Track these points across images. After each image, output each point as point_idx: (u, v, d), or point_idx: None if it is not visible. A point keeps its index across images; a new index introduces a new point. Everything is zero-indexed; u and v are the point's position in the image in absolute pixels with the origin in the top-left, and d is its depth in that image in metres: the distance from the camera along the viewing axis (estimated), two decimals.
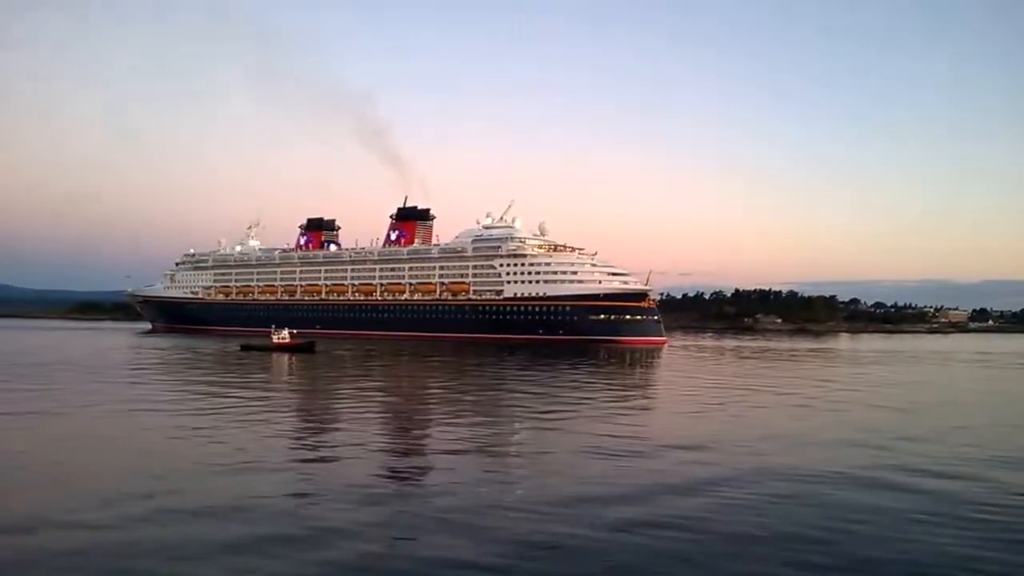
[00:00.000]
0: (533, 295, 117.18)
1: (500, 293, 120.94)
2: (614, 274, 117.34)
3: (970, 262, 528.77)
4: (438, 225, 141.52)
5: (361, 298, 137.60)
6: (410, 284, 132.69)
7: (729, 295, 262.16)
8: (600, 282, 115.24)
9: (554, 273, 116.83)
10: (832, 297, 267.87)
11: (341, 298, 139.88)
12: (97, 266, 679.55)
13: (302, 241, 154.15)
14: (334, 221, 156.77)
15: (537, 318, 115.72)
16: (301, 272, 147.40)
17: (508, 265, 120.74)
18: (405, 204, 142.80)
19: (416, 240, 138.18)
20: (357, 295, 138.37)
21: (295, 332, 79.68)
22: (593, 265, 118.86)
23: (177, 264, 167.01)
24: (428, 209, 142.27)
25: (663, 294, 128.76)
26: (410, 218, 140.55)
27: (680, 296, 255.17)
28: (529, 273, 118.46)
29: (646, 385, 50.82)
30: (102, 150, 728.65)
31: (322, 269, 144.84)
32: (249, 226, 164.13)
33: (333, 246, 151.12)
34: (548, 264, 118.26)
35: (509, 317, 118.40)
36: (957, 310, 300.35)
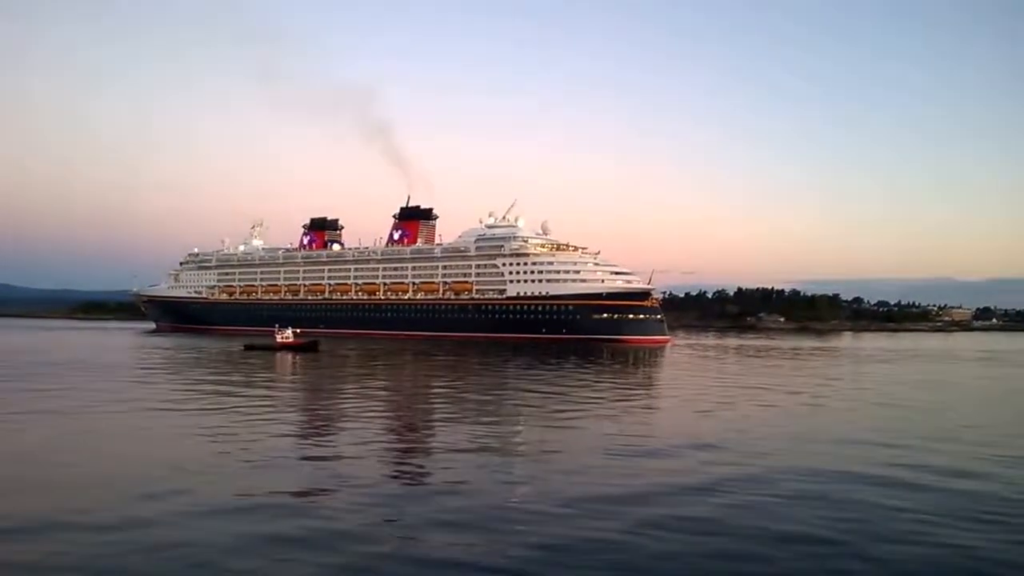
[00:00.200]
0: (536, 294, 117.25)
1: (503, 292, 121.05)
2: (617, 273, 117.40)
3: (974, 261, 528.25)
4: (441, 224, 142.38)
5: (364, 297, 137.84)
6: (413, 283, 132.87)
7: (732, 294, 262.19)
8: (603, 281, 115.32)
9: (557, 272, 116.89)
10: (835, 296, 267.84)
11: (344, 297, 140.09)
12: (101, 266, 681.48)
13: (305, 241, 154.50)
14: (337, 221, 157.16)
15: (540, 317, 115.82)
16: (304, 272, 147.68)
17: (511, 264, 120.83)
18: (408, 204, 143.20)
19: (419, 240, 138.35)
20: (360, 294, 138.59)
21: (299, 331, 79.83)
22: (596, 264, 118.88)
23: (181, 264, 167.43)
24: (431, 208, 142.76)
25: (665, 293, 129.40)
26: (413, 217, 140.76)
27: (683, 295, 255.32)
28: (532, 272, 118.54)
29: (653, 384, 50.51)
30: (106, 150, 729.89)
31: (325, 269, 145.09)
32: (253, 226, 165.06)
33: (336, 246, 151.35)
34: (551, 263, 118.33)
35: (512, 316, 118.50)
36: (961, 309, 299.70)
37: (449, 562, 12.97)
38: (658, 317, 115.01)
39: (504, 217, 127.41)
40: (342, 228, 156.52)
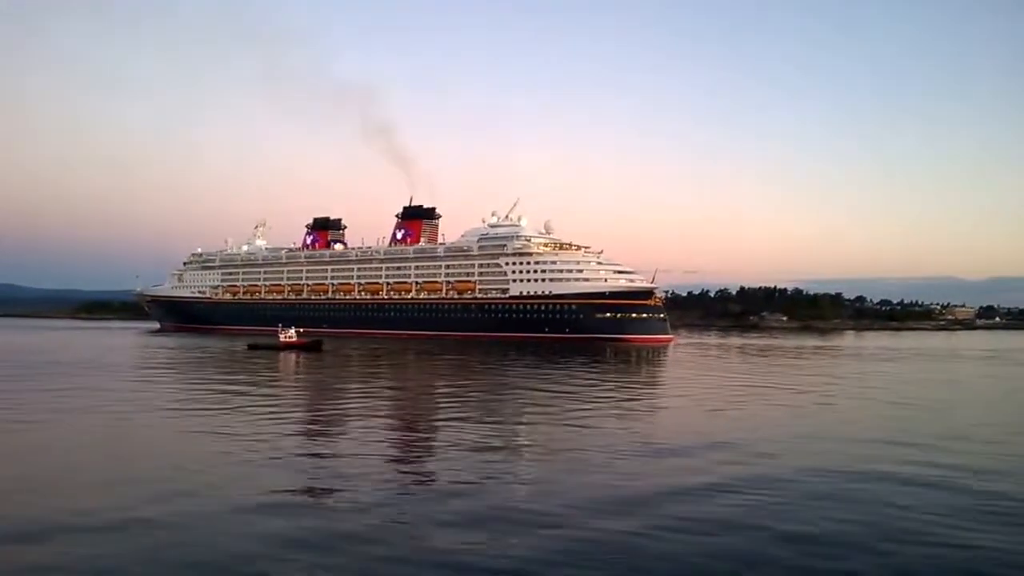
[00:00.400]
0: (539, 294, 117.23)
1: (506, 292, 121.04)
2: (620, 272, 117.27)
3: (977, 259, 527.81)
4: (444, 224, 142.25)
5: (367, 297, 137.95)
6: (416, 283, 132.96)
7: (734, 293, 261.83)
8: (606, 280, 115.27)
9: (560, 272, 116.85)
10: (838, 295, 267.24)
11: (347, 297, 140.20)
12: (104, 266, 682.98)
13: (308, 240, 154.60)
14: (340, 220, 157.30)
15: (543, 316, 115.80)
16: (308, 271, 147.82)
17: (514, 264, 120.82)
18: (411, 203, 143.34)
19: (422, 239, 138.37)
20: (363, 294, 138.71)
21: (302, 331, 79.93)
22: (599, 263, 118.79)
23: (184, 264, 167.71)
24: (434, 208, 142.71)
25: (668, 292, 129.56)
26: (416, 217, 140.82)
27: (685, 294, 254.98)
28: (535, 272, 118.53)
29: (660, 384, 50.18)
30: (109, 150, 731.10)
31: (328, 268, 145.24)
32: (256, 226, 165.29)
33: (339, 245, 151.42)
34: (554, 263, 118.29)
35: (515, 316, 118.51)
36: (964, 307, 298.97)
37: (461, 564, 12.86)
38: (661, 316, 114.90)
39: (507, 216, 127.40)
40: (345, 228, 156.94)
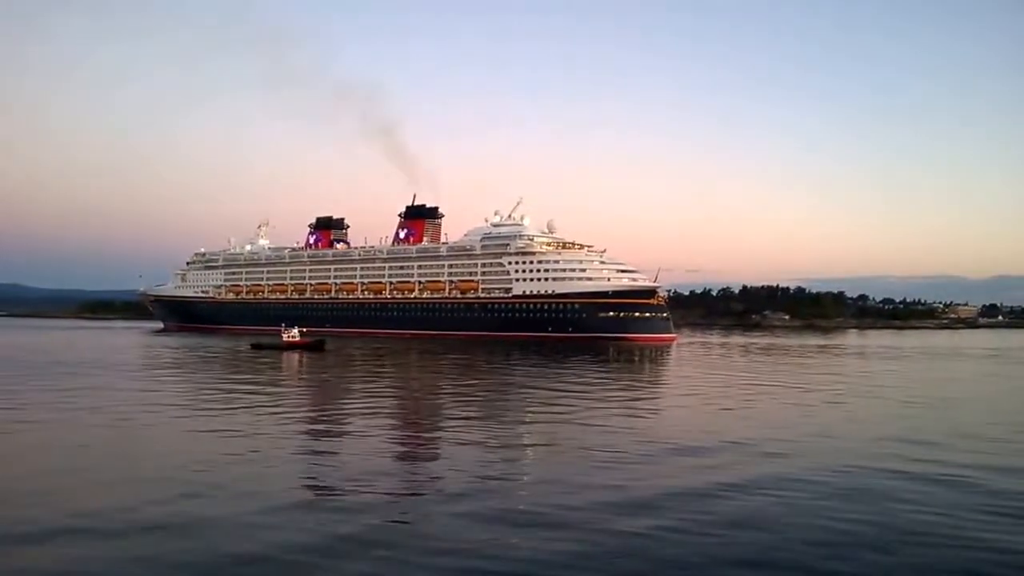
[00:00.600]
0: (542, 293, 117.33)
1: (509, 291, 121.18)
2: (623, 271, 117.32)
3: (980, 258, 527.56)
4: (447, 223, 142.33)
5: (370, 296, 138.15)
6: (419, 282, 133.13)
7: (736, 292, 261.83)
8: (609, 279, 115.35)
9: (563, 271, 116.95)
10: (840, 293, 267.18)
11: (351, 297, 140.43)
12: (107, 265, 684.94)
13: (311, 240, 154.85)
14: (343, 220, 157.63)
15: (546, 316, 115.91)
16: (311, 271, 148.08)
17: (517, 263, 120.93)
18: (414, 202, 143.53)
19: (425, 238, 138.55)
20: (366, 293, 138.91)
21: (305, 331, 79.97)
22: (602, 262, 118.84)
23: (188, 263, 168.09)
24: (436, 207, 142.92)
25: (670, 291, 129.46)
26: (419, 216, 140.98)
27: (687, 293, 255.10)
28: (538, 271, 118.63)
29: (667, 383, 49.57)
30: (113, 150, 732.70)
31: (331, 268, 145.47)
32: (259, 225, 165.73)
33: (342, 245, 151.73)
34: (557, 262, 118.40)
35: (518, 315, 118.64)
36: (967, 306, 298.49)
37: (473, 567, 12.74)
38: (664, 315, 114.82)
39: (510, 216, 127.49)
40: (348, 227, 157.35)
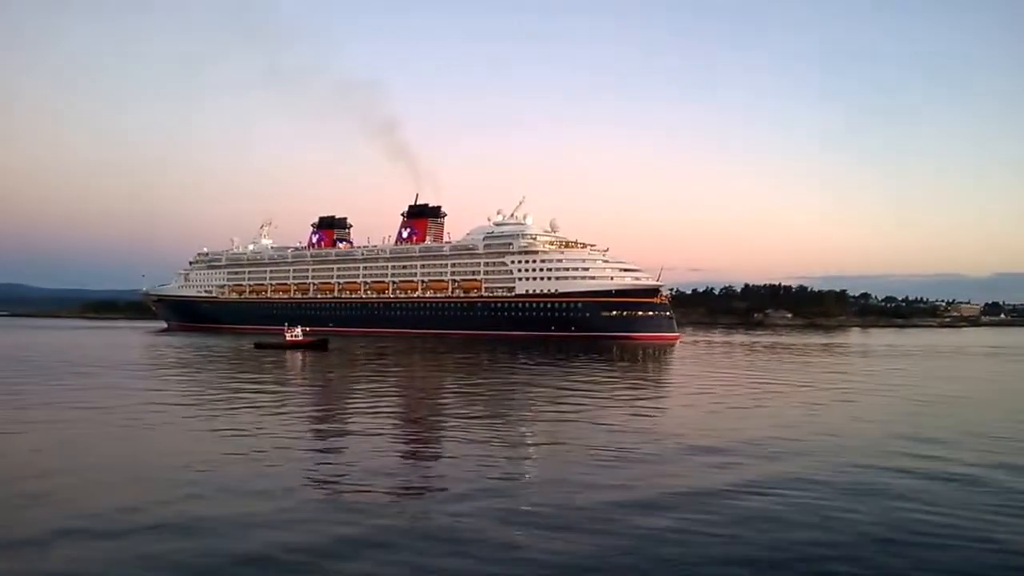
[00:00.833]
0: (545, 292, 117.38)
1: (512, 290, 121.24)
2: (626, 270, 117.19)
3: (982, 256, 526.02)
4: (449, 222, 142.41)
5: (373, 296, 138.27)
6: (422, 282, 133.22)
7: (739, 290, 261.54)
8: (612, 278, 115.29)
9: (566, 270, 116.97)
10: (843, 292, 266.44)
11: (353, 296, 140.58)
12: (110, 265, 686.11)
13: (314, 239, 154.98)
14: (346, 219, 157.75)
15: (549, 315, 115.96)
16: (314, 270, 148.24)
17: (520, 262, 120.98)
18: (416, 202, 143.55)
19: (428, 238, 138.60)
20: (369, 293, 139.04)
21: (308, 330, 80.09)
22: (605, 261, 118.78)
23: (191, 263, 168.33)
24: (439, 207, 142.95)
25: (673, 290, 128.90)
26: (421, 215, 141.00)
27: (690, 292, 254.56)
28: (541, 270, 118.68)
29: (674, 382, 48.98)
30: (115, 151, 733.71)
31: (334, 267, 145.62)
32: (262, 225, 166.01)
33: (345, 244, 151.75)
34: (560, 261, 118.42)
35: (521, 314, 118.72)
36: (969, 304, 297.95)
37: (478, 569, 12.70)
38: (667, 314, 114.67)
39: (512, 215, 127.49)
40: (351, 227, 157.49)
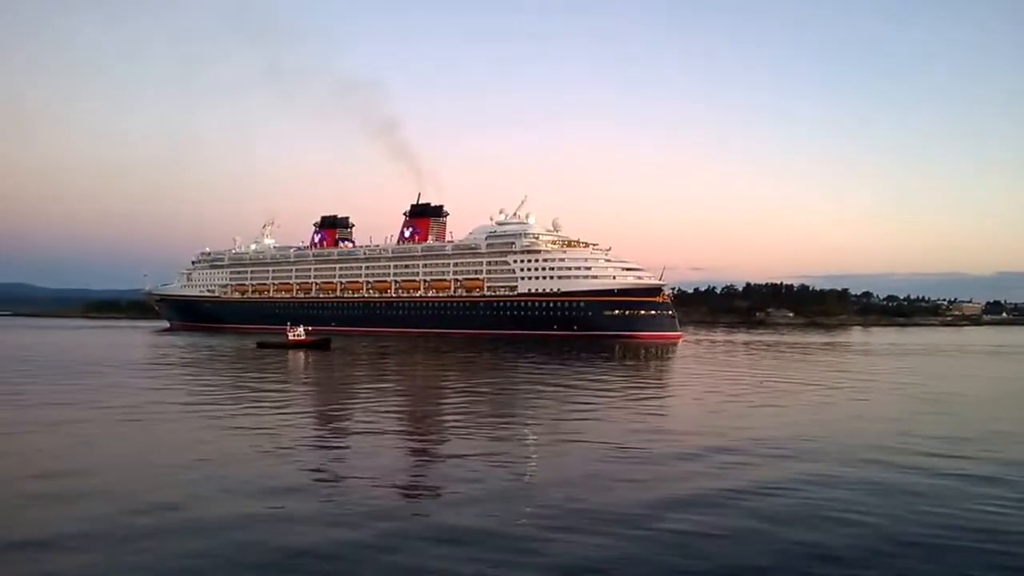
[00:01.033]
0: (547, 291, 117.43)
1: (514, 289, 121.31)
2: (628, 269, 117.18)
3: (984, 255, 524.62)
4: (451, 222, 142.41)
5: (376, 295, 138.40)
6: (424, 281, 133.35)
7: (740, 289, 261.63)
8: (614, 277, 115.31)
9: (568, 269, 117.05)
10: (844, 291, 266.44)
11: (356, 295, 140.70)
12: (113, 265, 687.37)
13: (316, 239, 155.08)
14: (348, 219, 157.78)
15: (551, 314, 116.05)
16: (316, 270, 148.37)
17: (522, 261, 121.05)
18: (418, 201, 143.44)
19: (430, 237, 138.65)
20: (372, 292, 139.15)
21: (310, 329, 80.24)
22: (607, 260, 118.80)
23: (193, 263, 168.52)
24: (441, 206, 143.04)
25: (674, 289, 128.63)
26: (423, 215, 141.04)
27: (691, 291, 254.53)
28: (543, 269, 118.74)
29: (681, 382, 48.33)
30: (116, 152, 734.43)
31: (337, 267, 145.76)
32: (264, 224, 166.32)
33: (347, 244, 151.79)
34: (562, 260, 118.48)
35: (523, 313, 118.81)
36: (971, 303, 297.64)
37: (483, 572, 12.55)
38: (669, 313, 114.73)
39: (515, 214, 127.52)
40: (353, 226, 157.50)
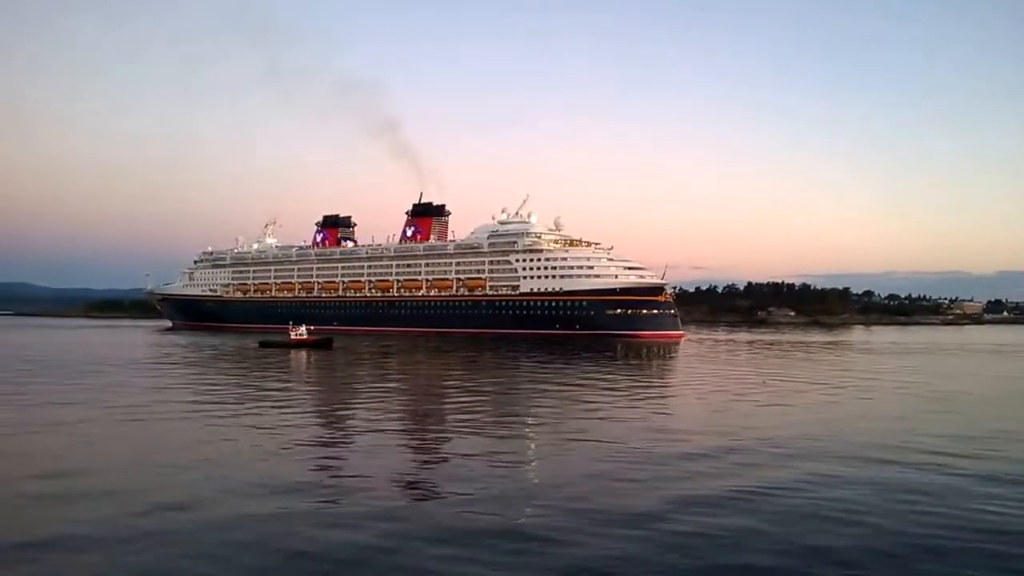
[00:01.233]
0: (549, 290, 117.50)
1: (516, 288, 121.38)
2: (630, 268, 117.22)
3: (985, 254, 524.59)
4: (453, 221, 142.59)
5: (378, 294, 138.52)
6: (426, 280, 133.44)
7: (742, 288, 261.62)
8: (616, 276, 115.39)
9: (570, 268, 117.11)
10: (845, 289, 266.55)
11: (358, 295, 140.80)
12: (115, 265, 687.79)
13: (319, 238, 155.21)
14: (350, 218, 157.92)
15: (553, 313, 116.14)
16: (318, 269, 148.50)
17: (524, 260, 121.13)
18: (420, 200, 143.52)
19: (432, 236, 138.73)
20: (374, 292, 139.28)
21: (312, 329, 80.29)
22: (609, 259, 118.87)
23: (195, 262, 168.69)
24: (443, 205, 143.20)
25: (676, 288, 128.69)
26: (426, 214, 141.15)
27: (693, 290, 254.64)
28: (545, 268, 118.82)
29: (683, 380, 47.99)
30: (118, 152, 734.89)
31: (339, 266, 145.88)
32: (266, 224, 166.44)
33: (349, 243, 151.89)
34: (564, 259, 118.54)
35: (525, 312, 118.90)
36: (972, 302, 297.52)
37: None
38: (672, 312, 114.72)
39: (517, 213, 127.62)
40: (355, 226, 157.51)
